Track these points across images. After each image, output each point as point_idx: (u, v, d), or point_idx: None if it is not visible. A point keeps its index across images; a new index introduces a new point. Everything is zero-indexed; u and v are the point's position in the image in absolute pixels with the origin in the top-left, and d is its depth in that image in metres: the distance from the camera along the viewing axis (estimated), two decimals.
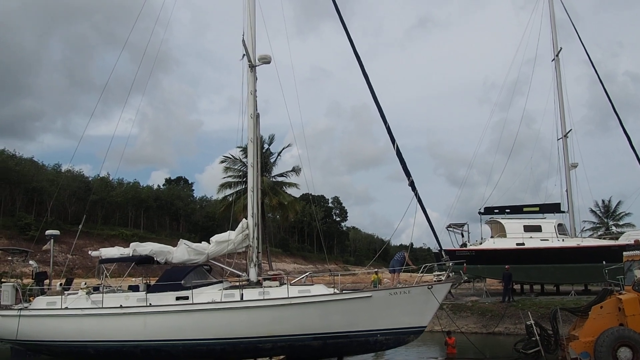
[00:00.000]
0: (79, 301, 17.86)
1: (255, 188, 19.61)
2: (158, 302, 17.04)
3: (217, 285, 17.80)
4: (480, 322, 26.52)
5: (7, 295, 19.13)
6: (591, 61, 34.42)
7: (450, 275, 16.95)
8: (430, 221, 17.35)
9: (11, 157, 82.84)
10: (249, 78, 19.87)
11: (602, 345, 15.98)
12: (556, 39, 37.39)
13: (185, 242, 19.52)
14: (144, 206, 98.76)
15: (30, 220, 72.51)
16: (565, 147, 36.14)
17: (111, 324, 17.29)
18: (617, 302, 16.89)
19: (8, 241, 65.68)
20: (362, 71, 18.44)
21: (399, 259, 21.82)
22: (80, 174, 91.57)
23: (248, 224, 19.20)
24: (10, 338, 18.56)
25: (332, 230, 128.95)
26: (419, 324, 16.75)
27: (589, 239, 38.51)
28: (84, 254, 61.31)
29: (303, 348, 16.69)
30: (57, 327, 17.90)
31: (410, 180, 17.21)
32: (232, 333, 16.50)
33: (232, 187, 50.71)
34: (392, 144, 17.61)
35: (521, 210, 35.68)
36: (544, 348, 17.80)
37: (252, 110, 19.78)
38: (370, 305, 16.50)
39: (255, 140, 19.90)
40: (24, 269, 45.50)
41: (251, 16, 20.15)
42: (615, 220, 63.10)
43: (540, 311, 24.79)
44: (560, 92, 36.64)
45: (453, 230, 34.91)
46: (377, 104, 18.13)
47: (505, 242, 32.81)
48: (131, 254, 19.24)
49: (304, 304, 16.34)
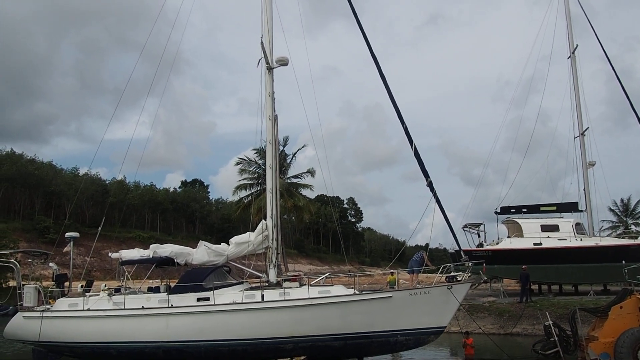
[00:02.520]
0: (100, 302, 18.06)
1: (274, 189, 19.72)
2: (180, 303, 17.21)
3: (237, 286, 17.95)
4: (497, 323, 26.40)
5: (29, 297, 19.27)
6: (608, 58, 34.14)
7: (470, 276, 16.98)
8: (449, 222, 17.37)
9: (30, 161, 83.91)
10: (267, 80, 20.02)
11: (623, 346, 15.89)
12: (572, 35, 36.99)
13: (205, 243, 19.69)
14: (160, 208, 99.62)
15: (49, 224, 73.48)
16: (583, 145, 35.83)
17: (133, 325, 17.47)
18: (637, 302, 16.77)
19: (27, 244, 66.42)
20: (380, 73, 18.46)
21: (417, 259, 21.88)
22: (97, 177, 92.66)
23: (267, 225, 19.33)
24: (32, 340, 18.73)
25: (348, 231, 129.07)
26: (439, 324, 16.78)
27: (607, 238, 38.19)
28: (102, 257, 62.07)
29: (324, 348, 16.78)
30: (79, 328, 18.09)
31: (428, 180, 17.24)
32: (254, 334, 16.62)
33: (248, 189, 51.09)
34: (409, 145, 17.63)
35: (538, 209, 35.41)
36: (562, 349, 17.73)
37: (270, 112, 19.92)
38: (391, 305, 16.56)
39: (274, 142, 20.01)
40: (43, 272, 46.10)
41: (268, 19, 20.30)
42: (634, 219, 62.62)
43: (558, 311, 24.62)
44: (577, 90, 36.29)
45: (469, 230, 34.75)
46: (394, 105, 18.14)
47: (522, 242, 32.60)
48: (151, 256, 19.41)
49: (324, 304, 16.43)
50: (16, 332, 19.11)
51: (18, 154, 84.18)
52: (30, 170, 78.99)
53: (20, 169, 77.08)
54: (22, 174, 76.27)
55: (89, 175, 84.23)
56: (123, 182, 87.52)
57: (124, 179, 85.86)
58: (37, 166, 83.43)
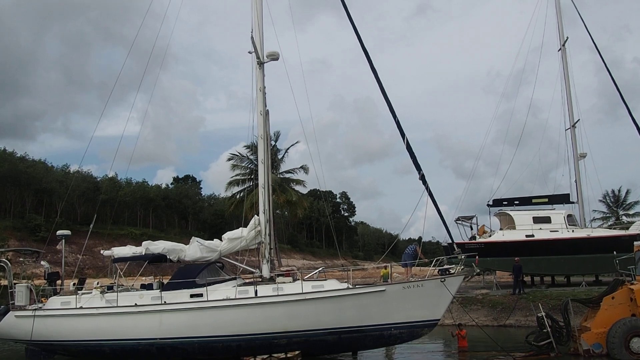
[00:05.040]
0: (93, 300, 17.99)
1: (266, 184, 19.70)
2: (173, 299, 17.18)
3: (231, 282, 17.94)
4: (490, 315, 26.50)
5: (21, 296, 19.16)
6: (598, 51, 34.31)
7: (463, 268, 17.03)
8: (441, 215, 17.41)
9: (21, 159, 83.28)
10: (257, 75, 19.98)
11: (615, 336, 16.02)
12: (562, 28, 37.09)
13: (198, 239, 19.63)
14: (152, 205, 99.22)
15: (40, 222, 73.05)
16: (574, 137, 35.98)
17: (127, 323, 17.42)
18: (629, 293, 16.89)
19: (19, 242, 66.12)
20: (371, 66, 18.45)
21: (410, 252, 21.89)
22: (88, 174, 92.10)
23: (260, 221, 19.31)
24: (24, 339, 18.66)
25: (341, 226, 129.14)
26: (433, 317, 16.87)
27: (599, 229, 38.42)
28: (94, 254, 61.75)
29: (318, 343, 16.81)
30: (72, 326, 18.03)
31: (420, 174, 17.26)
32: (248, 329, 16.62)
33: (240, 185, 51.00)
34: (402, 139, 17.66)
35: (530, 201, 35.55)
36: (555, 340, 17.78)
37: (261, 107, 19.88)
38: (384, 299, 16.60)
39: (266, 137, 19.99)
40: (34, 270, 45.87)
41: (258, 13, 20.24)
42: (625, 210, 62.95)
43: (551, 303, 24.72)
44: (568, 83, 36.43)
45: (462, 223, 34.85)
46: (386, 99, 18.14)
47: (514, 234, 32.72)
48: (144, 253, 19.36)
49: (318, 299, 16.47)
50: (8, 331, 18.99)
51: (9, 151, 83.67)
52: (21, 168, 78.40)
53: (10, 167, 76.48)
54: (12, 172, 75.66)
55: (80, 172, 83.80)
56: (115, 179, 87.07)
57: (115, 175, 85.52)
58: (28, 164, 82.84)
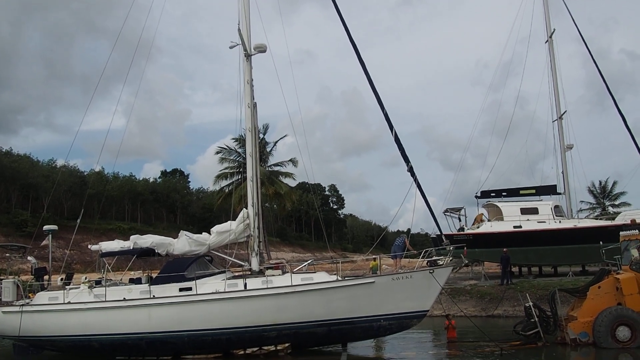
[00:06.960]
0: (81, 295, 17.90)
1: (255, 177, 19.66)
2: (162, 293, 17.13)
3: (220, 275, 17.92)
4: (479, 306, 26.71)
5: (8, 292, 19.06)
6: (584, 41, 34.42)
7: (451, 260, 17.12)
8: (430, 206, 17.55)
9: (6, 154, 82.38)
10: (245, 68, 19.90)
11: (601, 325, 16.23)
12: (549, 20, 37.21)
13: (186, 233, 19.60)
14: (140, 199, 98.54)
15: (27, 217, 72.28)
16: (561, 128, 36.21)
17: (115, 317, 17.36)
18: (615, 282, 17.11)
19: (5, 238, 65.38)
20: (358, 57, 18.48)
21: (399, 244, 21.98)
22: (75, 168, 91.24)
23: (248, 214, 19.28)
24: (12, 335, 18.57)
25: (330, 218, 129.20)
26: (422, 308, 16.97)
27: (585, 219, 38.72)
28: (82, 249, 61.24)
29: (308, 335, 16.86)
30: (60, 321, 17.93)
31: (409, 165, 17.32)
32: (237, 322, 16.63)
33: (229, 178, 50.83)
34: (390, 131, 17.68)
35: (517, 192, 35.75)
36: (543, 329, 17.96)
37: (249, 100, 19.82)
38: (373, 291, 16.67)
39: (254, 130, 19.94)
40: (21, 266, 45.44)
41: (245, 6, 20.15)
42: (611, 201, 63.54)
43: (538, 293, 24.96)
44: (555, 74, 36.57)
45: (450, 214, 34.99)
46: (374, 91, 18.17)
47: (502, 225, 32.92)
48: (132, 247, 19.29)
49: (307, 291, 16.51)
50: None
51: None
52: (5, 163, 77.52)
53: None
54: None
55: (66, 167, 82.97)
56: (102, 173, 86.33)
57: (102, 170, 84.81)
58: (13, 159, 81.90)
